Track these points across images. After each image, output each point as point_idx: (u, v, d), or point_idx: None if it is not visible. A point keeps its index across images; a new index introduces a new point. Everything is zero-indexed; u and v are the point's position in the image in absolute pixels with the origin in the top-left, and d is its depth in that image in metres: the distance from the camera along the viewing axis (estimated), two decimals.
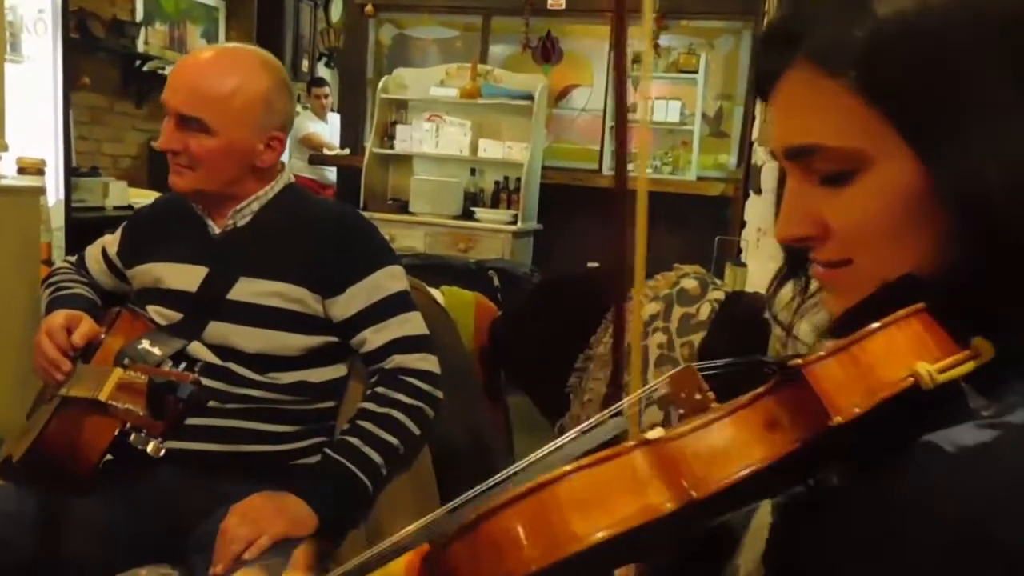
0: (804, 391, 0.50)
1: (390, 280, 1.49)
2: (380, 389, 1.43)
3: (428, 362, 1.46)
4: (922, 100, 0.51)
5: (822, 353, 0.51)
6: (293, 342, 1.44)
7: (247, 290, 1.43)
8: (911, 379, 0.49)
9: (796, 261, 0.66)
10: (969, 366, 0.50)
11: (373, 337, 1.46)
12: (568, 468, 0.47)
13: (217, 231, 1.49)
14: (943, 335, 0.52)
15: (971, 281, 0.52)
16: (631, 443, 0.49)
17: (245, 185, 1.48)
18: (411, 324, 1.48)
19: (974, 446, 0.47)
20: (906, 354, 0.50)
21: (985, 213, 0.50)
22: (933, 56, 0.51)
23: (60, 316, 1.41)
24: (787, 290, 0.69)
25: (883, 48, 0.51)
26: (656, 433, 0.51)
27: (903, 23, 0.51)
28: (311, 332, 1.46)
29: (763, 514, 0.64)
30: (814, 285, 0.66)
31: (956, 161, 0.51)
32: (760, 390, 0.52)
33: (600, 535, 0.46)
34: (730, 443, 0.51)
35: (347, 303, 1.45)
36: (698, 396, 0.61)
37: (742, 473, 0.49)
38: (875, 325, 0.51)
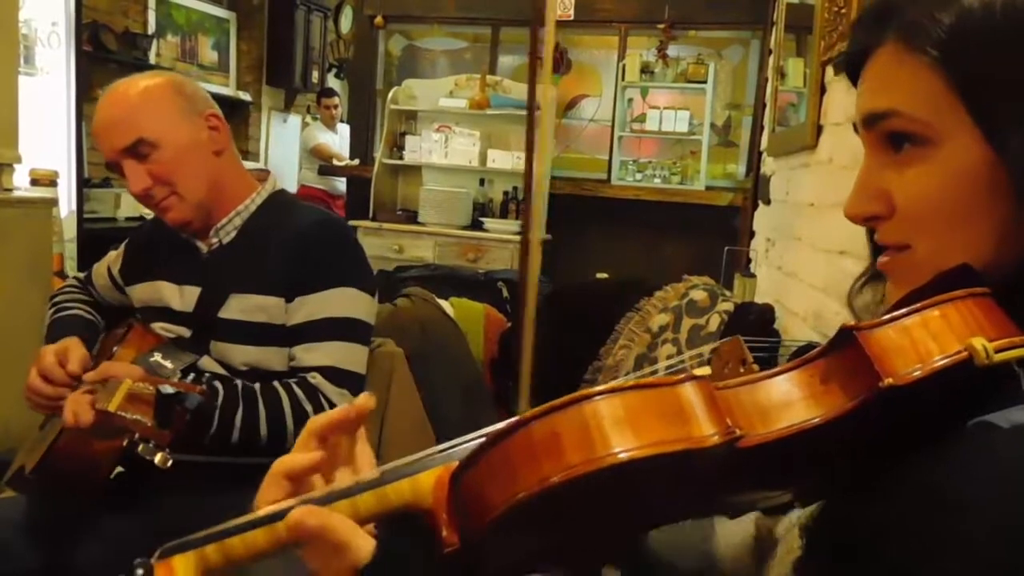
0: (856, 354, 0.48)
1: (343, 302, 1.42)
2: (294, 382, 1.37)
3: (344, 399, 1.37)
4: (997, 86, 0.53)
5: (875, 320, 0.49)
6: (277, 356, 1.43)
7: (236, 307, 1.42)
8: (965, 353, 0.47)
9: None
10: None
11: (302, 356, 1.40)
12: (612, 386, 0.45)
13: (205, 250, 1.49)
14: (1002, 319, 0.50)
15: None
16: (679, 376, 0.47)
17: (224, 182, 1.46)
18: (345, 355, 1.40)
19: None
20: (961, 330, 0.48)
21: None
22: (1013, 48, 0.53)
23: (49, 353, 1.38)
24: (868, 296, 0.70)
25: (966, 34, 0.54)
26: (704, 371, 0.49)
27: (988, 13, 0.54)
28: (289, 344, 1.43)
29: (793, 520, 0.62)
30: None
31: None
32: (812, 353, 0.50)
33: (638, 453, 0.43)
34: (782, 399, 0.48)
35: (292, 313, 1.41)
36: (742, 369, 0.59)
37: (792, 429, 0.47)
38: (930, 301, 0.50)
